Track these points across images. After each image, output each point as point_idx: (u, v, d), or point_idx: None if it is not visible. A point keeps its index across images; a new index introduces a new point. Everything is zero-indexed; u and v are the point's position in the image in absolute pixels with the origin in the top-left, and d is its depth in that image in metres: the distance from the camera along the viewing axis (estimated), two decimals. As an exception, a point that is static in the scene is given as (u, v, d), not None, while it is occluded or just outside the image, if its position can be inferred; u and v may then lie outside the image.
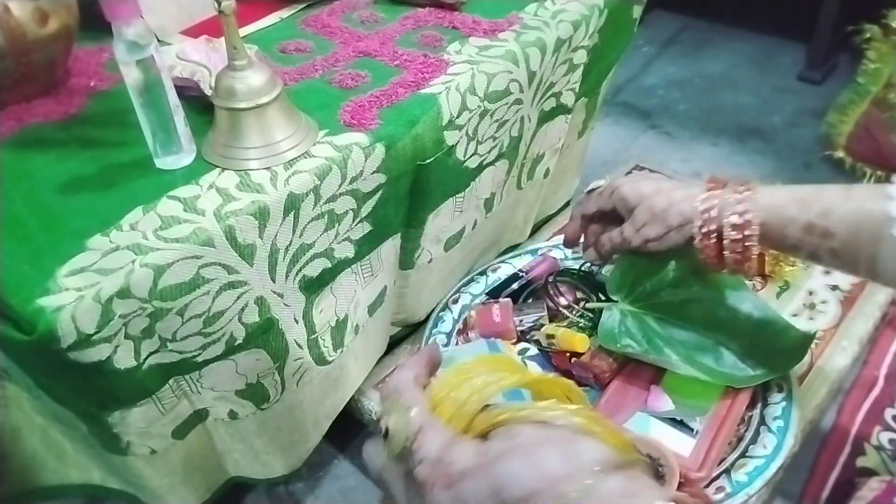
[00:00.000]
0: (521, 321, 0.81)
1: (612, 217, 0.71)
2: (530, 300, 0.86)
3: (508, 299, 0.84)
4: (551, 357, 0.78)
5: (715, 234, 0.60)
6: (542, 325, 0.80)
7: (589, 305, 0.78)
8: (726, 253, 0.60)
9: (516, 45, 0.71)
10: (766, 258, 0.89)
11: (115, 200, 0.54)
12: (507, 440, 0.32)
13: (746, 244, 0.59)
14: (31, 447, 0.61)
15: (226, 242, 0.52)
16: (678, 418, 0.69)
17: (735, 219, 0.59)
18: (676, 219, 0.63)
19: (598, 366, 0.73)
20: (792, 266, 0.91)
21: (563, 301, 0.82)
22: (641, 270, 0.71)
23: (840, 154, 1.35)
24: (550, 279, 0.85)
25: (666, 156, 1.45)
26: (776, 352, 0.69)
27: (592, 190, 0.75)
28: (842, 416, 0.79)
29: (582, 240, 0.78)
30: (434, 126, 0.64)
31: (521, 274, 0.89)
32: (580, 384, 0.75)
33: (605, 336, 0.71)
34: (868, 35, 1.24)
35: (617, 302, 0.73)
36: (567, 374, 0.75)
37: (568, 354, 0.76)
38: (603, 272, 0.84)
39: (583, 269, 0.87)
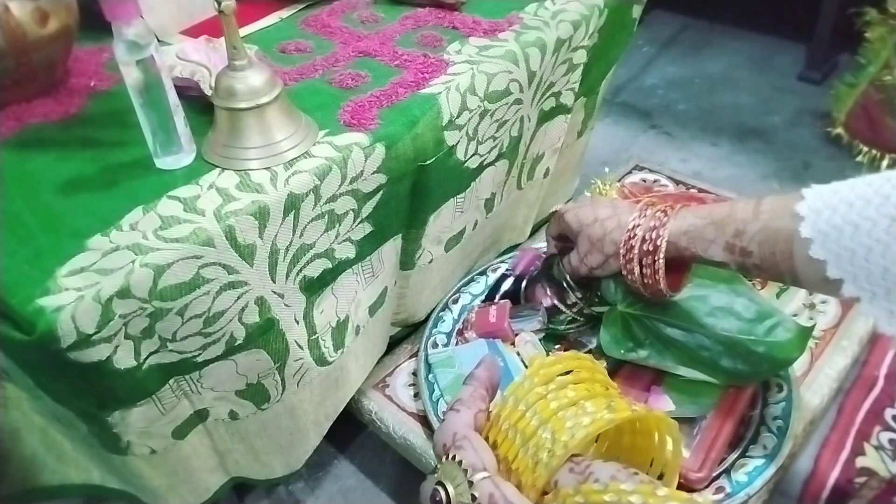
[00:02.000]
0: (517, 324, 0.81)
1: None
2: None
3: (507, 301, 0.84)
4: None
5: (635, 260, 0.63)
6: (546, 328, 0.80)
7: (587, 311, 0.77)
8: (641, 277, 0.63)
9: (516, 45, 0.71)
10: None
11: (115, 200, 0.54)
12: None
13: (656, 267, 0.62)
14: (30, 447, 0.61)
15: (226, 242, 0.52)
16: (678, 417, 0.69)
17: (648, 246, 0.61)
18: (611, 247, 0.65)
19: None
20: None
21: (550, 302, 0.82)
22: None
23: (839, 130, 1.40)
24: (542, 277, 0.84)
25: (666, 156, 1.46)
26: (776, 346, 0.69)
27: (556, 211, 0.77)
28: (842, 416, 0.79)
29: None
30: (434, 126, 0.64)
31: (508, 273, 0.89)
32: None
33: (608, 344, 0.70)
34: (868, 18, 1.30)
35: (615, 306, 0.72)
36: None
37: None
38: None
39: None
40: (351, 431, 0.91)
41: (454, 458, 0.35)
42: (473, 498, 0.33)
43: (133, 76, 0.52)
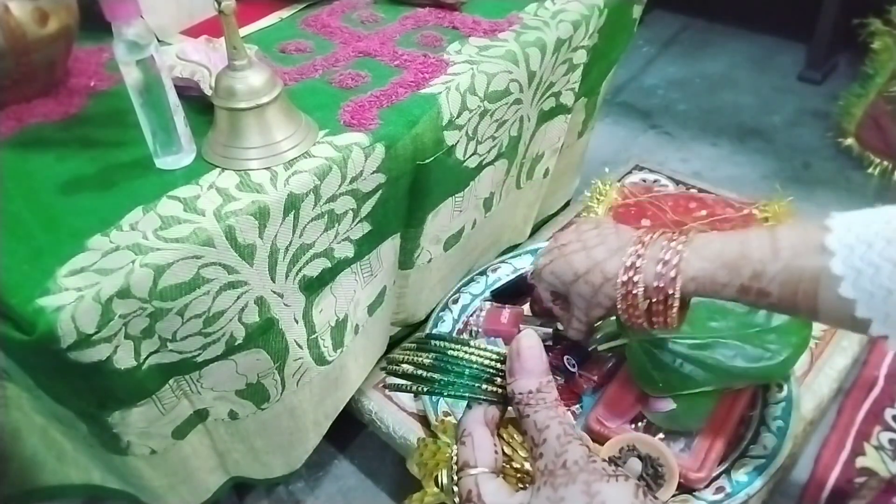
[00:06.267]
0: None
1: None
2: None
3: (522, 308, 0.85)
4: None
5: (640, 307, 0.58)
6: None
7: (602, 347, 0.76)
8: (648, 319, 0.58)
9: (516, 45, 0.71)
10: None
11: (115, 200, 0.54)
12: None
13: (669, 313, 0.57)
14: (30, 447, 0.61)
15: (226, 242, 0.52)
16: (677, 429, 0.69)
17: (658, 295, 0.56)
18: (608, 301, 0.60)
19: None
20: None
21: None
22: None
23: (849, 141, 1.38)
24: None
25: (666, 156, 1.46)
26: (782, 330, 0.69)
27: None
28: (842, 416, 0.79)
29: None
30: (434, 126, 0.64)
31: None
32: (575, 391, 0.75)
33: (644, 383, 0.70)
34: (872, 29, 1.28)
35: (629, 338, 0.72)
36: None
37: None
38: None
39: None
40: (351, 431, 0.91)
41: (454, 452, 0.36)
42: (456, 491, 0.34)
43: (133, 76, 0.52)
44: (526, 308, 0.86)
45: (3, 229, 0.52)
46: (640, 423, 0.71)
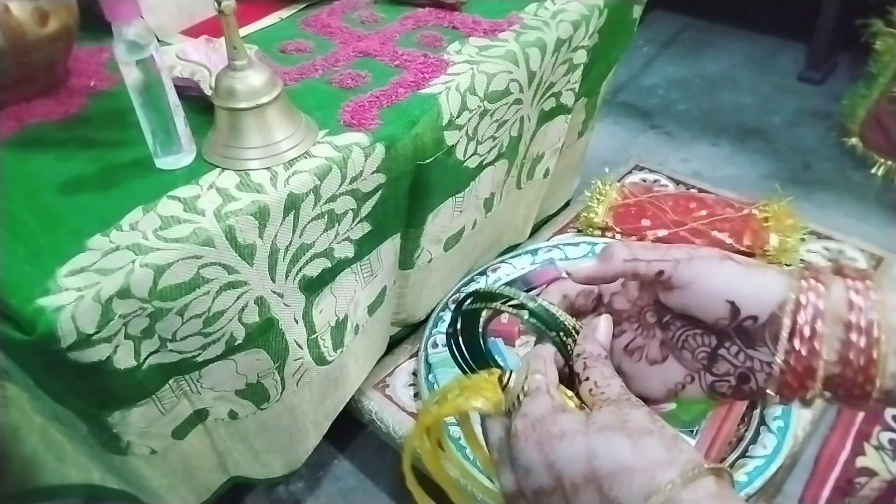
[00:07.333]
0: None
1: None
2: None
3: None
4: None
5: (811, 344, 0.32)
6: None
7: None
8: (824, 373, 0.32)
9: (516, 45, 0.71)
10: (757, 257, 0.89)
11: (115, 200, 0.54)
12: (616, 418, 0.32)
13: (871, 357, 0.30)
14: (31, 447, 0.61)
15: (226, 242, 0.52)
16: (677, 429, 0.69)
17: (851, 317, 0.31)
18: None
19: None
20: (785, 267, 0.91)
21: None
22: None
23: (853, 141, 1.39)
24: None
25: (666, 156, 1.46)
26: None
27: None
28: (842, 416, 0.79)
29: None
30: (434, 126, 0.64)
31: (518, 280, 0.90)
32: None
33: None
34: (874, 29, 1.29)
35: None
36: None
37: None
38: None
39: None
40: (351, 431, 0.91)
41: (526, 363, 0.38)
42: (525, 386, 0.36)
43: (133, 76, 0.52)
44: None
45: (3, 229, 0.52)
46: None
